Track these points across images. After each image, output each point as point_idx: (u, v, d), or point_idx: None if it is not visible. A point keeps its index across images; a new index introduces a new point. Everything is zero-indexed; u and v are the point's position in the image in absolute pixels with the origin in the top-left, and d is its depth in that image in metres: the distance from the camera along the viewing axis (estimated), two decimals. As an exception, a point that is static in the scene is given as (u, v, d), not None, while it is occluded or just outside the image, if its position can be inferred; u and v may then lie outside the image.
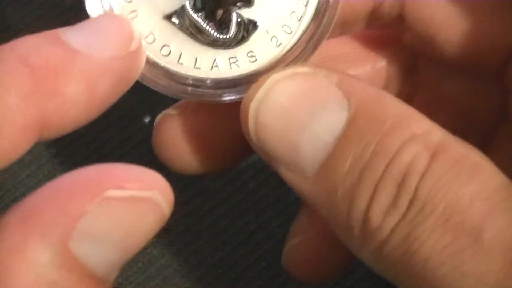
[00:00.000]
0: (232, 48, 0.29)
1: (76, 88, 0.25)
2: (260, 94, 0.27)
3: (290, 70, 0.28)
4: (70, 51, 0.25)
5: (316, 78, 0.27)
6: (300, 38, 0.29)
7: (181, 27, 0.29)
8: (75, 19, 0.26)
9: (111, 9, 0.29)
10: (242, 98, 0.28)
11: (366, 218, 0.25)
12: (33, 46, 0.25)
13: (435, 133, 0.25)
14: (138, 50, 0.27)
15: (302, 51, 0.29)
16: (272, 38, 0.29)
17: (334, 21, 0.29)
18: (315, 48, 0.30)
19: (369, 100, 0.26)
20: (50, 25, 0.26)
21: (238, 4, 0.29)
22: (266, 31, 0.29)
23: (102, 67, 0.25)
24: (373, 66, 0.34)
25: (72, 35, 0.25)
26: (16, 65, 0.24)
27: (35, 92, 0.24)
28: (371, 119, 0.26)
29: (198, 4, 0.29)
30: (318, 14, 0.29)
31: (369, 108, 0.26)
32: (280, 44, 0.29)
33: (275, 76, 0.27)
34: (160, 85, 0.29)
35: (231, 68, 0.29)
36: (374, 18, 0.33)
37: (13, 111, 0.23)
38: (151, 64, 0.29)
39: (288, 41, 0.29)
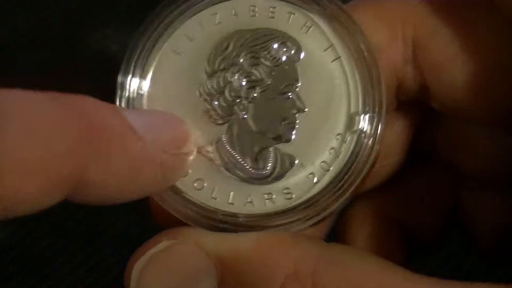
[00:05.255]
0: (268, 184, 0.28)
1: (120, 161, 0.24)
2: (135, 274, 0.27)
3: (162, 244, 0.27)
4: (126, 126, 0.25)
5: (187, 250, 0.27)
6: (336, 175, 0.28)
7: (216, 161, 0.28)
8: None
9: None
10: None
11: None
12: (95, 108, 0.24)
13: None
14: (187, 155, 0.27)
15: (338, 189, 0.28)
16: (309, 175, 0.28)
17: (371, 160, 0.28)
18: (351, 185, 0.28)
19: (234, 261, 0.27)
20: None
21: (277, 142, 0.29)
22: (303, 167, 0.28)
23: (150, 155, 0.25)
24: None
25: (131, 115, 0.25)
26: (77, 117, 0.23)
27: (84, 145, 0.23)
28: (237, 281, 0.27)
29: (235, 139, 0.29)
30: (356, 151, 0.28)
31: (233, 270, 0.27)
32: (318, 181, 0.28)
33: (149, 253, 0.27)
34: (188, 216, 0.28)
35: (265, 204, 0.28)
36: (401, 91, 0.32)
37: (56, 156, 0.22)
38: (180, 195, 0.28)
39: (324, 177, 0.28)
